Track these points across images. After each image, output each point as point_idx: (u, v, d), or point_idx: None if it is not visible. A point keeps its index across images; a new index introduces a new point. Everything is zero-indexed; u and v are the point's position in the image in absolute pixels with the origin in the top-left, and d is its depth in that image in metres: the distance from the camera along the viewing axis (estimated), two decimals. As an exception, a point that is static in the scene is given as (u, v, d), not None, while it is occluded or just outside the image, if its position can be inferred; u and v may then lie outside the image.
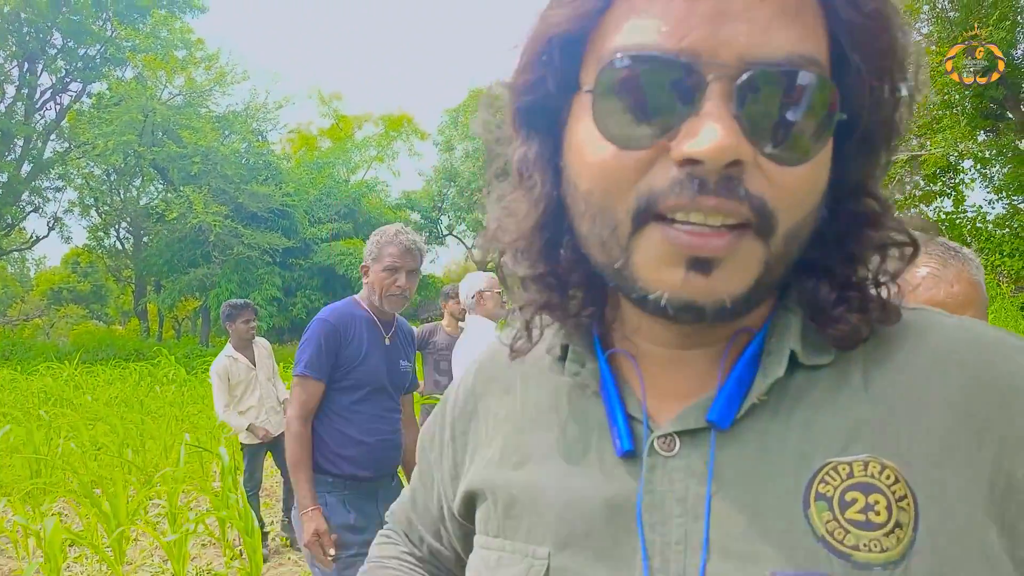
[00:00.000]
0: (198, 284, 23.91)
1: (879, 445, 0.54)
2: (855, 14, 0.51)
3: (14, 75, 25.07)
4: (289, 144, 33.72)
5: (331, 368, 2.81)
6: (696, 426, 0.58)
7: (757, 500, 0.55)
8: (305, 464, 2.80)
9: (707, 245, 0.50)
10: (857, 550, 0.51)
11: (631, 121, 0.51)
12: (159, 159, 23.24)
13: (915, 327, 0.59)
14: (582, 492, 0.61)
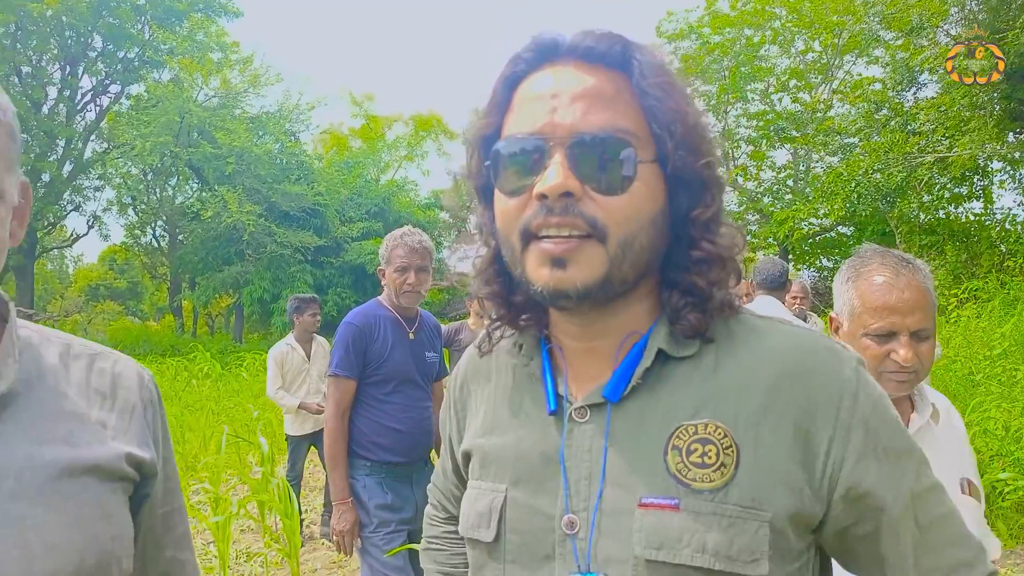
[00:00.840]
0: (232, 281, 24.40)
1: (717, 412, 0.81)
2: (652, 101, 0.81)
3: (56, 78, 25.77)
4: (321, 144, 34.19)
5: (361, 366, 3.07)
6: (598, 401, 0.86)
7: (635, 450, 0.83)
8: (341, 459, 3.07)
9: (558, 249, 0.79)
10: (695, 481, 0.79)
11: (513, 178, 0.82)
12: (195, 159, 23.75)
13: (758, 331, 0.86)
14: (527, 447, 0.90)
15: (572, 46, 0.83)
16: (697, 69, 17.76)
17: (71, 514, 0.89)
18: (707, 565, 0.76)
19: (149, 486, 1.02)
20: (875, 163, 13.38)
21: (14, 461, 0.87)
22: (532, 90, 0.84)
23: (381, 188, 28.53)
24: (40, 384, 0.95)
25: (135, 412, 1.02)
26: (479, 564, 0.93)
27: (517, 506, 0.88)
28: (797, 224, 16.12)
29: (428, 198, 31.98)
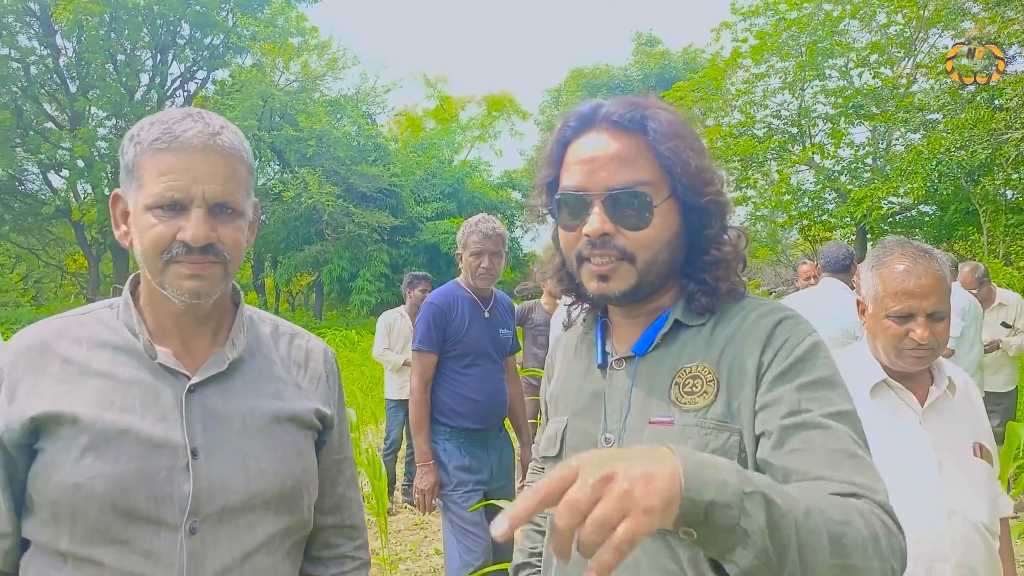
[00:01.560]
0: (312, 260, 25.27)
1: (708, 359, 1.12)
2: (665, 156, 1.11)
3: (148, 65, 26.96)
4: (396, 126, 34.81)
5: (441, 341, 3.40)
6: (629, 355, 1.20)
7: (650, 388, 1.15)
8: (425, 425, 3.41)
9: (601, 269, 1.14)
10: (685, 405, 1.10)
11: (568, 219, 1.16)
12: (277, 142, 24.61)
13: (746, 307, 1.17)
14: (583, 389, 1.25)
15: (605, 115, 1.15)
16: (773, 46, 17.47)
17: (277, 450, 1.22)
18: None
19: (328, 435, 1.35)
20: (959, 140, 13.02)
21: (240, 409, 1.21)
22: (577, 154, 1.16)
23: (454, 169, 28.96)
24: (258, 353, 1.29)
25: (320, 379, 1.35)
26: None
27: (573, 430, 1.23)
28: (876, 203, 15.79)
29: (500, 178, 32.25)
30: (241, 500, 1.16)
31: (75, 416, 1.10)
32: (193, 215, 1.12)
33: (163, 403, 1.15)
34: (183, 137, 1.11)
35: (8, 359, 1.16)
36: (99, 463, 1.09)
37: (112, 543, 1.09)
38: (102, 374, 1.16)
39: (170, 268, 1.14)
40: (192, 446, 1.14)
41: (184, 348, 1.21)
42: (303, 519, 1.27)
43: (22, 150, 25.01)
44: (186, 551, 1.11)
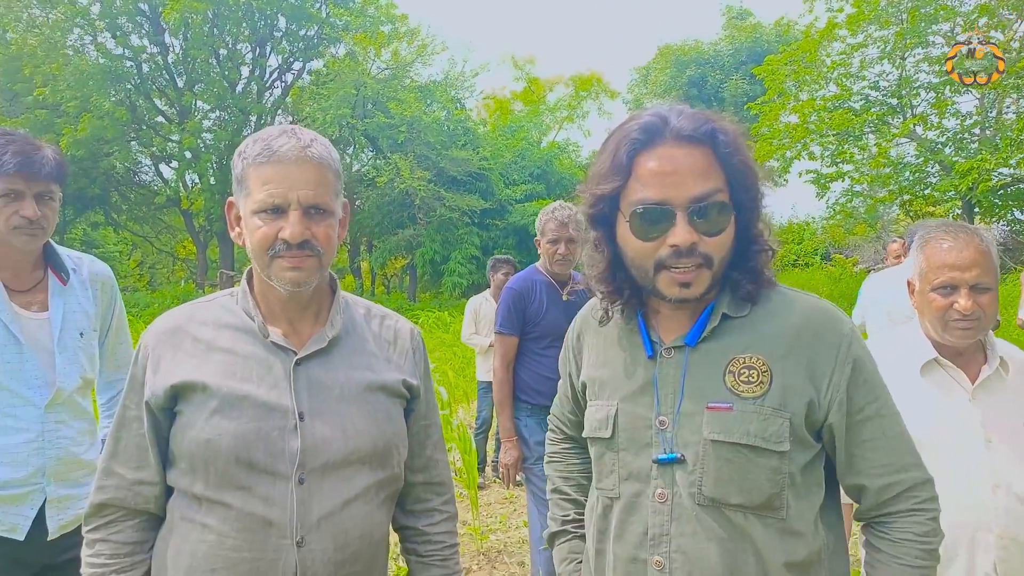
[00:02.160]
0: (405, 244, 25.91)
1: (759, 350, 1.24)
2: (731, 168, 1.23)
3: (248, 58, 28.08)
4: (484, 109, 35.12)
5: (521, 324, 3.59)
6: (679, 345, 1.31)
7: (704, 375, 1.27)
8: (508, 403, 3.61)
9: (685, 277, 1.23)
10: (743, 392, 1.23)
11: (648, 230, 1.23)
12: (370, 129, 25.27)
13: (788, 299, 1.29)
14: (632, 376, 1.34)
15: (675, 130, 1.21)
16: (871, 14, 16.80)
17: (370, 414, 1.44)
18: (749, 442, 1.21)
19: (415, 403, 1.57)
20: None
21: (338, 379, 1.43)
22: (651, 167, 1.22)
23: (543, 151, 29.08)
24: (353, 332, 1.52)
25: (408, 354, 1.58)
26: (600, 454, 1.38)
27: (625, 413, 1.33)
28: (983, 175, 15.06)
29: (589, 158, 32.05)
30: (340, 456, 1.38)
31: (205, 384, 1.35)
32: (291, 217, 1.34)
33: (275, 374, 1.39)
34: (280, 152, 1.33)
35: (151, 339, 1.43)
36: (225, 422, 1.33)
37: (237, 489, 1.33)
38: (225, 350, 1.40)
39: (275, 262, 1.36)
40: (299, 410, 1.37)
41: (291, 328, 1.45)
42: (394, 474, 1.48)
43: (136, 144, 26.60)
44: (296, 498, 1.34)
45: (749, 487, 1.21)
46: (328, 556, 1.35)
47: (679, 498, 1.24)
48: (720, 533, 1.22)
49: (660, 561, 1.25)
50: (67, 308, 2.13)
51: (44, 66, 23.45)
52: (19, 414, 1.99)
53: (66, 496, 2.07)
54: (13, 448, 1.97)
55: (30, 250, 2.05)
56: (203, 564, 1.32)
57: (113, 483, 1.41)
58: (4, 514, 1.97)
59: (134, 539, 1.41)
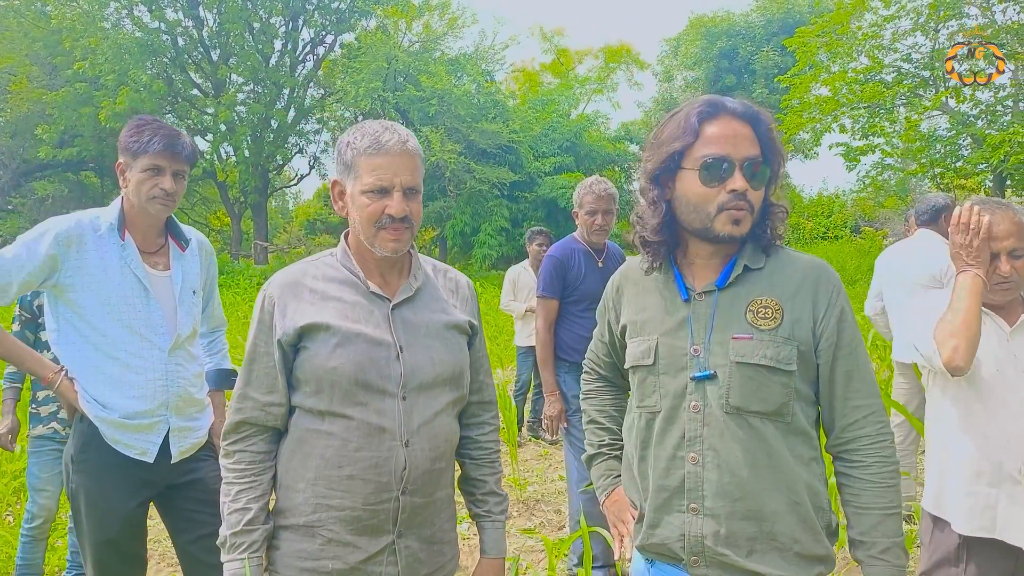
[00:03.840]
0: (435, 216, 26.27)
1: (773, 292, 1.59)
2: (766, 141, 1.58)
3: (281, 32, 28.36)
4: (514, 82, 35.16)
5: (561, 288, 3.92)
6: (710, 289, 1.64)
7: (730, 314, 1.61)
8: (550, 360, 3.96)
9: (738, 214, 1.56)
10: (760, 326, 1.58)
11: (710, 178, 1.56)
12: (401, 102, 25.51)
13: (793, 256, 1.64)
14: (670, 314, 1.67)
15: (732, 109, 1.58)
16: (905, -15, 16.68)
17: (448, 347, 1.83)
18: (765, 363, 1.55)
19: (474, 339, 1.95)
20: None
21: (423, 320, 1.81)
22: (715, 132, 1.57)
23: (572, 123, 29.13)
24: (428, 284, 1.89)
25: (467, 300, 1.96)
26: (642, 379, 1.69)
27: (664, 345, 1.65)
28: (1015, 147, 15.02)
29: (618, 131, 32.16)
30: (430, 379, 1.76)
31: (328, 324, 1.70)
32: (395, 197, 1.69)
33: (377, 316, 1.75)
34: (387, 145, 1.69)
35: (275, 290, 1.77)
36: (346, 352, 1.68)
37: (356, 404, 1.69)
38: (336, 299, 1.75)
39: (380, 233, 1.71)
40: (399, 344, 1.74)
41: (383, 281, 1.81)
42: (463, 394, 1.87)
43: (172, 116, 27.08)
44: (402, 410, 1.71)
45: (765, 397, 1.55)
46: (426, 454, 1.74)
47: (709, 408, 1.58)
48: (741, 434, 1.56)
49: (695, 457, 1.59)
50: (185, 270, 2.51)
51: (83, 40, 23.89)
52: (146, 356, 2.36)
53: (184, 427, 2.45)
54: (143, 384, 2.35)
55: (161, 218, 2.43)
56: (332, 462, 1.69)
57: (249, 405, 1.74)
58: (137, 440, 2.36)
59: (265, 449, 1.76)
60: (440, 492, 1.83)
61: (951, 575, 2.18)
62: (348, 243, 1.84)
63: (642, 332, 1.72)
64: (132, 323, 2.34)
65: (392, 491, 1.70)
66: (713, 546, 1.56)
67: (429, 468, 1.75)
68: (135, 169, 2.35)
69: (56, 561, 4.01)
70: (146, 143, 2.33)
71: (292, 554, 1.71)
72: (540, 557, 4.28)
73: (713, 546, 1.56)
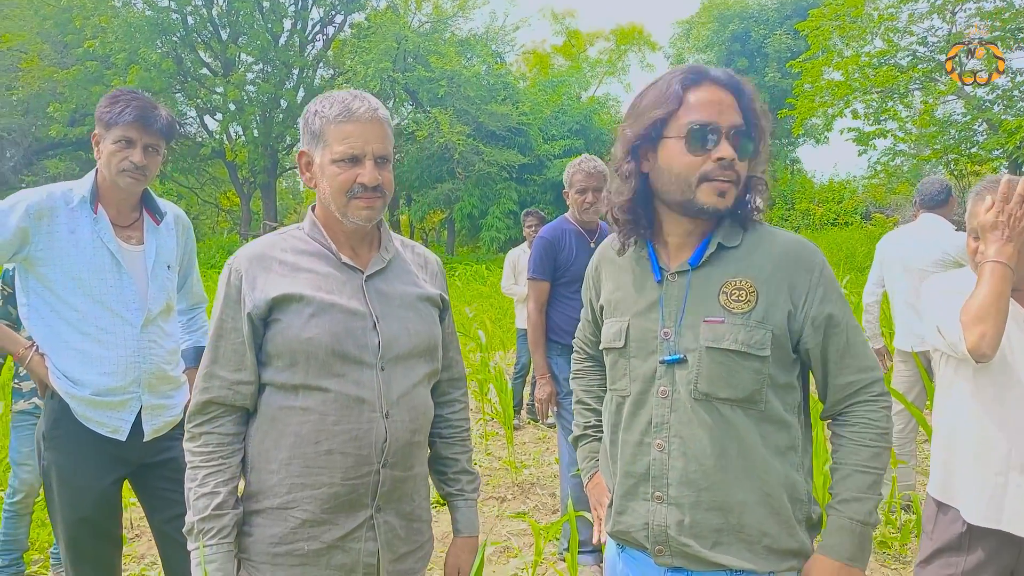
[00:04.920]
0: (444, 198, 26.20)
1: (748, 273, 1.51)
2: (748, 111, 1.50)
3: (290, 11, 28.22)
4: (524, 63, 34.93)
5: (552, 270, 3.86)
6: (683, 269, 1.56)
7: (702, 295, 1.53)
8: (541, 343, 3.90)
9: (723, 187, 1.48)
10: (733, 309, 1.50)
11: (696, 146, 1.47)
12: (410, 83, 25.38)
13: (772, 233, 1.55)
14: (641, 295, 1.61)
15: (715, 76, 1.51)
16: (922, -33, 16.38)
17: (422, 319, 1.80)
18: (736, 348, 1.48)
19: (445, 314, 1.92)
20: None
21: (396, 291, 1.78)
22: (700, 99, 1.49)
23: (582, 106, 28.94)
24: (398, 256, 1.86)
25: (436, 275, 1.93)
26: (613, 361, 1.65)
27: (635, 327, 1.60)
28: (1031, 134, 14.79)
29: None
30: (406, 350, 1.73)
31: (302, 295, 1.65)
32: (367, 165, 1.65)
33: (350, 287, 1.71)
34: (357, 113, 1.65)
35: (243, 264, 1.71)
36: (322, 323, 1.64)
37: (334, 376, 1.64)
38: (308, 270, 1.70)
39: (352, 203, 1.67)
40: (375, 314, 1.70)
41: (354, 253, 1.77)
42: (436, 368, 1.85)
43: (182, 96, 27.06)
44: (380, 381, 1.68)
45: (735, 383, 1.48)
46: (405, 426, 1.71)
47: (678, 394, 1.52)
48: (710, 421, 1.49)
49: (661, 444, 1.53)
50: (159, 244, 2.46)
51: (93, 18, 23.86)
52: (118, 331, 2.32)
53: (158, 405, 2.41)
54: (114, 360, 2.31)
55: (133, 192, 2.37)
56: (308, 438, 1.64)
57: (216, 384, 1.68)
58: (109, 418, 2.32)
59: (233, 431, 1.70)
60: (419, 467, 1.81)
61: (953, 563, 2.12)
62: (316, 215, 1.79)
63: (615, 313, 1.67)
64: (104, 298, 2.30)
65: (372, 464, 1.67)
66: (677, 536, 1.51)
67: (409, 440, 1.72)
68: (107, 141, 2.30)
69: (46, 536, 4.00)
70: (118, 114, 2.27)
71: (264, 539, 1.67)
72: (531, 541, 4.24)
73: (677, 536, 1.51)
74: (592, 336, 1.92)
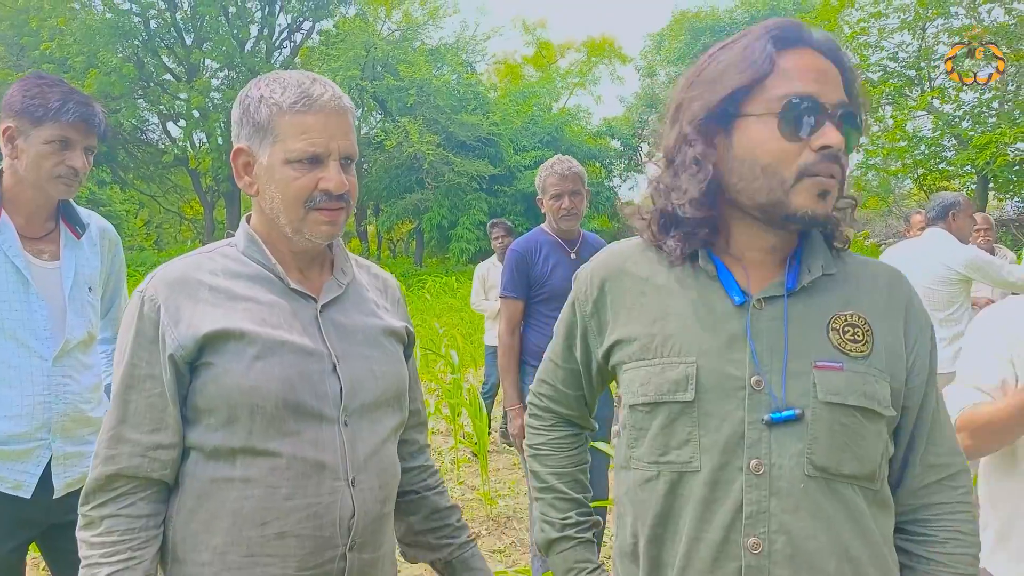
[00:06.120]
0: (412, 208, 25.80)
1: (858, 307, 1.15)
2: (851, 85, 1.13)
3: (257, 17, 27.71)
4: (495, 74, 34.72)
5: (526, 287, 3.43)
6: (775, 294, 1.15)
7: (806, 331, 1.14)
8: (513, 369, 3.46)
9: (827, 184, 1.09)
10: (851, 352, 1.12)
11: (794, 127, 1.08)
12: (379, 91, 25.03)
13: (862, 261, 1.21)
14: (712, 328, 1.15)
15: (816, 40, 1.12)
16: (893, -18, 16.44)
17: (388, 357, 1.44)
18: (864, 404, 1.09)
19: (410, 349, 1.56)
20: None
21: (356, 324, 1.41)
22: (802, 62, 1.10)
23: (553, 117, 28.80)
24: (356, 281, 1.49)
25: (398, 302, 1.58)
26: (670, 420, 1.15)
27: (710, 372, 1.13)
28: (1001, 150, 14.85)
29: (599, 126, 31.79)
30: (373, 398, 1.38)
31: (243, 331, 1.27)
32: (331, 167, 1.28)
33: (302, 320, 1.34)
34: (320, 101, 1.28)
35: (161, 291, 1.31)
36: (269, 367, 1.26)
37: (285, 435, 1.27)
38: (247, 298, 1.32)
39: (311, 215, 1.30)
40: (334, 354, 1.34)
41: (303, 276, 1.40)
42: (403, 418, 1.49)
43: (144, 101, 26.38)
44: (344, 439, 1.32)
45: (862, 455, 1.10)
46: (375, 494, 1.36)
47: (780, 469, 1.09)
48: (828, 510, 1.08)
49: (757, 543, 1.08)
50: (79, 262, 2.07)
51: (51, 20, 23.15)
52: (24, 365, 1.92)
53: (73, 453, 2.01)
54: (18, 401, 1.91)
55: (54, 200, 1.99)
56: (250, 520, 1.26)
57: (126, 450, 1.28)
58: (9, 471, 1.91)
59: (147, 511, 1.29)
60: (387, 544, 1.44)
61: None
62: (254, 229, 1.40)
63: (663, 352, 1.17)
64: (6, 324, 1.90)
65: (337, 547, 1.30)
66: None
67: (379, 513, 1.38)
68: (35, 139, 1.89)
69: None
70: (57, 109, 1.88)
71: None
72: (509, 584, 3.87)
73: None
74: (569, 389, 1.41)
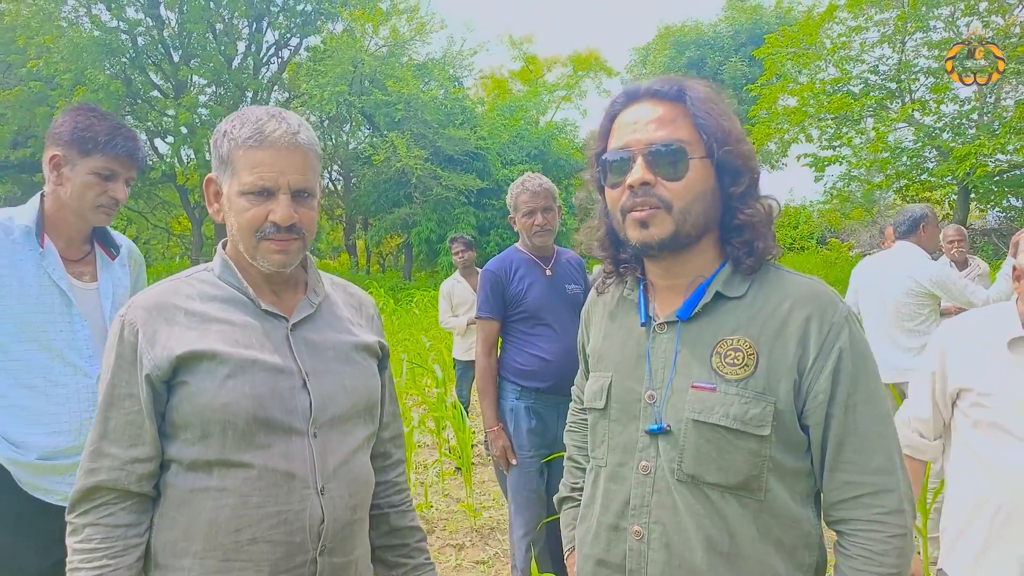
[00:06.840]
0: (401, 223, 25.81)
1: (748, 331, 1.23)
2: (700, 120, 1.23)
3: (244, 33, 27.77)
4: (482, 88, 34.91)
5: (502, 307, 3.43)
6: (672, 320, 1.30)
7: (692, 353, 1.26)
8: (490, 391, 3.45)
9: (641, 216, 1.23)
10: (726, 374, 1.22)
11: (613, 177, 1.26)
12: (367, 106, 25.08)
13: (784, 279, 1.27)
14: (626, 347, 1.36)
15: (647, 89, 1.30)
16: (873, -2, 16.69)
17: (360, 372, 1.53)
18: (727, 424, 1.21)
19: (384, 363, 1.65)
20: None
21: (328, 341, 1.51)
22: (623, 120, 1.31)
23: (540, 130, 28.91)
24: (328, 298, 1.59)
25: (372, 319, 1.68)
26: (594, 422, 1.42)
27: (618, 385, 1.35)
28: (980, 161, 15.06)
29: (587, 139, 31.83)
30: (343, 411, 1.47)
31: (214, 352, 1.37)
32: (280, 200, 1.39)
33: (273, 339, 1.44)
34: (271, 137, 1.38)
35: (139, 316, 1.41)
36: (240, 385, 1.36)
37: (257, 448, 1.36)
38: (221, 320, 1.42)
39: (262, 244, 1.41)
40: (304, 370, 1.43)
41: (276, 298, 1.50)
42: (375, 429, 1.60)
43: (131, 118, 26.30)
44: (314, 450, 1.41)
45: (726, 467, 1.22)
46: (344, 502, 1.46)
47: (661, 471, 1.27)
48: (697, 509, 1.23)
49: (639, 531, 1.28)
50: (115, 281, 2.17)
51: (38, 37, 23.12)
52: (70, 384, 2.00)
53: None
54: (66, 417, 1.99)
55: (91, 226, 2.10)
56: (225, 527, 1.35)
57: (105, 464, 1.38)
58: (57, 484, 1.98)
59: (126, 521, 1.39)
60: (360, 549, 1.53)
61: None
62: (228, 254, 1.50)
63: (598, 366, 1.44)
64: (53, 344, 1.97)
65: (307, 552, 1.40)
66: None
67: (349, 519, 1.46)
68: (81, 168, 1.99)
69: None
70: (105, 143, 1.98)
71: None
72: (492, 594, 3.94)
73: None
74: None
